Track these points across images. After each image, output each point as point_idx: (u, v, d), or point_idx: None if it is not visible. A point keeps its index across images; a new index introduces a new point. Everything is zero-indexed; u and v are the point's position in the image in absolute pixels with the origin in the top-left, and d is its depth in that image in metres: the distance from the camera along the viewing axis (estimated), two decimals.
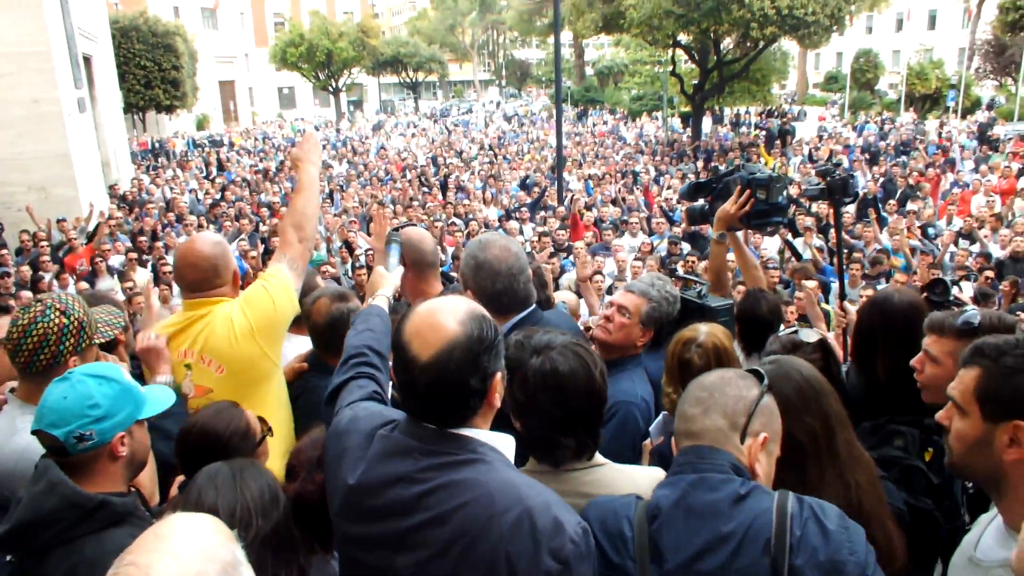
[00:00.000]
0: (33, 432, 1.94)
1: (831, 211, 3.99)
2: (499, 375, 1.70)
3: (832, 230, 4.48)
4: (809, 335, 2.85)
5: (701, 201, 3.94)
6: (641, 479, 2.02)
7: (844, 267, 3.99)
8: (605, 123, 39.58)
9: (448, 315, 1.66)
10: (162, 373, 2.76)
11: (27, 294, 8.48)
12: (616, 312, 3.00)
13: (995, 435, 1.73)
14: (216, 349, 2.73)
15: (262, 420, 2.41)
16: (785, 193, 3.24)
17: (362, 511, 1.71)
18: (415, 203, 15.87)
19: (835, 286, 9.29)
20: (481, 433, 1.71)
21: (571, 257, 11.33)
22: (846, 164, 18.52)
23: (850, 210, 12.76)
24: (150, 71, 28.76)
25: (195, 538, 1.22)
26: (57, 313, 2.41)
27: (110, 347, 2.93)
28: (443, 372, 1.61)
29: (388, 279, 2.60)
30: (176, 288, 9.54)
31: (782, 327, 3.45)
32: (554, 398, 1.93)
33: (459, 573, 1.59)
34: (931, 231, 12.24)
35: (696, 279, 3.58)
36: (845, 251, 10.17)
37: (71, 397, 1.91)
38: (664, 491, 1.75)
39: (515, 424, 1.98)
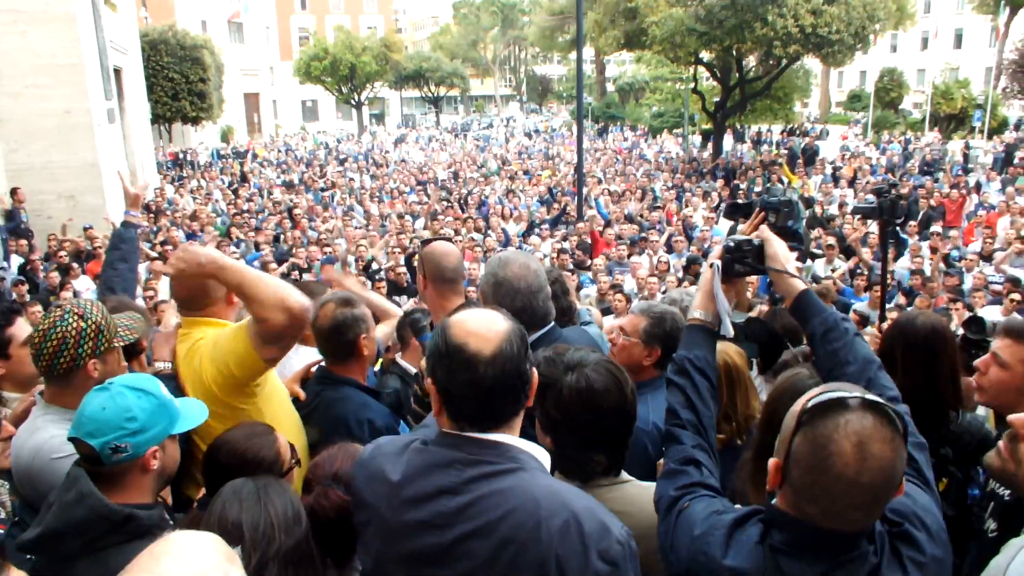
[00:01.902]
0: (70, 439, 1.99)
1: (879, 230, 3.97)
2: (534, 370, 1.78)
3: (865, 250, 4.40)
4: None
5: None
6: None
7: (887, 288, 3.95)
8: (626, 139, 39.59)
9: (491, 315, 1.75)
10: (162, 359, 2.80)
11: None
12: (618, 334, 3.02)
13: None
14: (188, 377, 2.70)
15: (292, 448, 2.42)
16: (798, 218, 3.19)
17: (404, 525, 1.72)
18: (439, 217, 15.98)
19: (855, 305, 9.26)
20: (519, 441, 1.74)
21: (589, 273, 11.38)
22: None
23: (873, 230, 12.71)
24: (177, 83, 29.14)
25: (188, 559, 1.24)
26: (75, 317, 2.44)
27: (132, 353, 2.98)
28: (507, 362, 1.67)
29: None
30: None
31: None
32: (588, 415, 1.98)
33: None
34: (955, 253, 12.12)
35: None
36: (863, 273, 10.15)
37: (110, 408, 1.96)
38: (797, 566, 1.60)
39: (543, 440, 1.99)
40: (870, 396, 1.53)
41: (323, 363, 3.20)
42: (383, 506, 1.76)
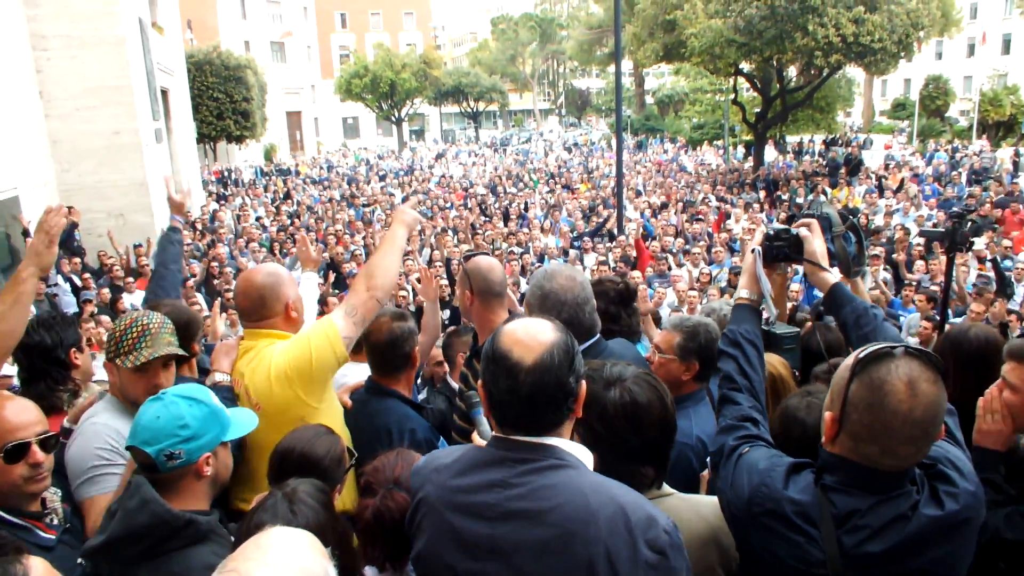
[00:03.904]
0: (128, 448, 2.08)
1: (945, 255, 3.95)
2: (583, 382, 1.78)
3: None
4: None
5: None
6: (706, 508, 2.12)
7: (947, 307, 3.91)
8: (666, 152, 39.42)
9: (541, 325, 1.77)
10: (220, 370, 2.87)
11: (106, 318, 8.86)
12: (654, 351, 3.01)
13: None
14: (255, 386, 2.79)
15: (349, 450, 2.51)
16: (825, 231, 3.04)
17: (454, 512, 1.78)
18: (479, 232, 16.05)
19: (905, 320, 9.04)
20: (565, 443, 1.78)
21: None
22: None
23: (919, 240, 12.44)
24: (222, 103, 29.82)
25: (292, 552, 1.30)
26: (119, 321, 2.68)
27: (182, 359, 3.07)
28: (547, 373, 1.69)
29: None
30: None
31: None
32: (633, 429, 2.00)
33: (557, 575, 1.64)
34: (1008, 263, 11.79)
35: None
36: (912, 284, 9.94)
37: (164, 417, 2.04)
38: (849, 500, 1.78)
39: None
40: (911, 346, 1.74)
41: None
42: (435, 497, 1.83)
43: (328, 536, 1.90)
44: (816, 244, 2.43)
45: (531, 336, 1.73)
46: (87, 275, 12.29)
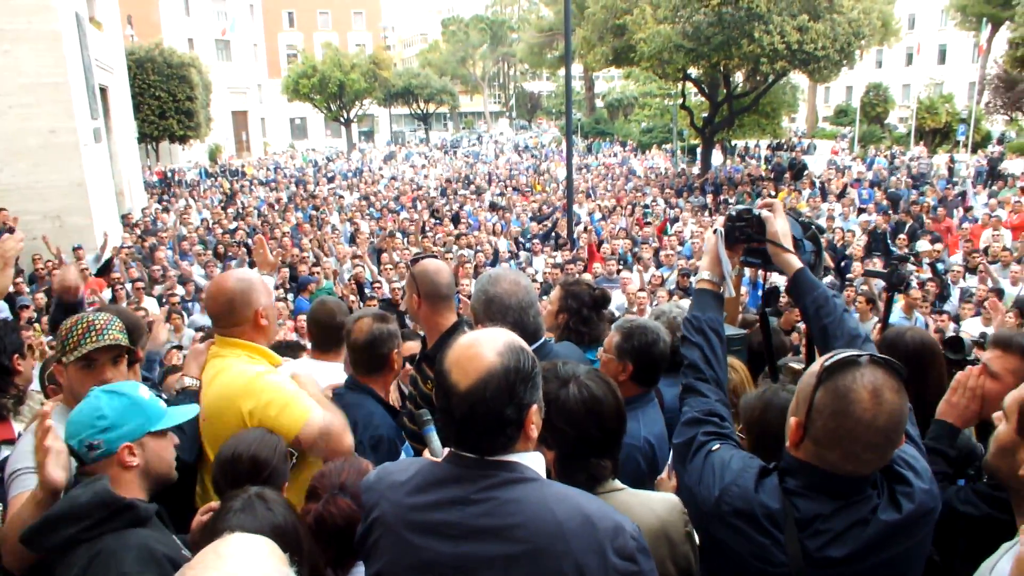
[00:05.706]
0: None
1: (884, 295, 4.06)
2: (535, 407, 1.70)
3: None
4: (793, 364, 3.06)
5: None
6: (656, 504, 2.18)
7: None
8: (615, 155, 39.80)
9: (487, 346, 1.67)
10: (190, 375, 2.94)
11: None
12: (601, 351, 3.03)
13: (1020, 448, 1.94)
14: (207, 399, 2.73)
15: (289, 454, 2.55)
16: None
17: (414, 533, 1.71)
18: (429, 234, 15.96)
19: None
20: (517, 455, 1.72)
21: None
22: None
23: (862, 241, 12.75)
24: (164, 101, 29.10)
25: (251, 560, 1.27)
26: (65, 322, 2.66)
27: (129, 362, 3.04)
28: (478, 401, 1.62)
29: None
30: (187, 319, 9.69)
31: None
32: (596, 421, 2.05)
33: None
34: (940, 267, 12.16)
35: None
36: (851, 284, 10.16)
37: (83, 410, 2.09)
38: (811, 505, 1.81)
39: (547, 455, 1.99)
40: (876, 354, 1.78)
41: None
42: (392, 517, 1.76)
43: (303, 535, 2.03)
44: (779, 225, 2.41)
45: (471, 358, 1.65)
46: (19, 280, 11.85)
